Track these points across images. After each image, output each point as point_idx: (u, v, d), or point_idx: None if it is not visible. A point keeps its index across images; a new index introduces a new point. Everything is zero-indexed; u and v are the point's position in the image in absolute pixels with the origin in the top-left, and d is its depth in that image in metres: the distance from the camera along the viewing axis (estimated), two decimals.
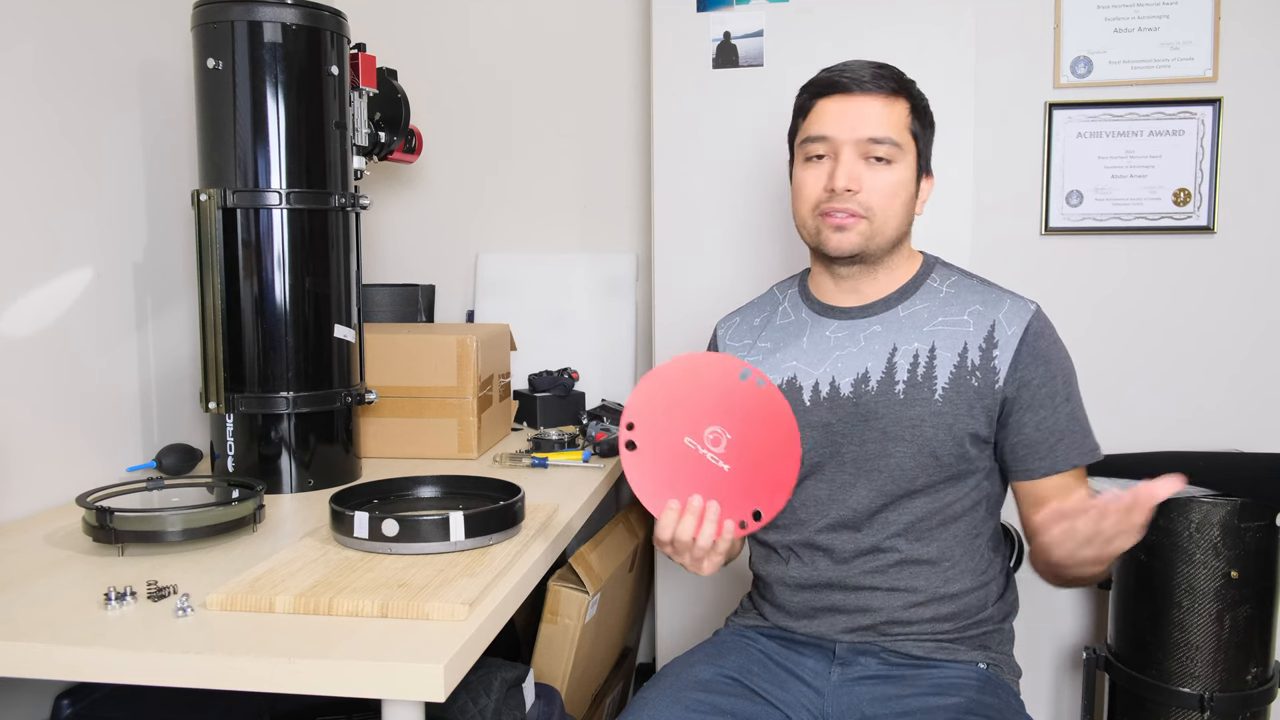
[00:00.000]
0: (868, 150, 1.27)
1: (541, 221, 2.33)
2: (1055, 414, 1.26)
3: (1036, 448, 1.27)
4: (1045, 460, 1.27)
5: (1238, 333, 1.94)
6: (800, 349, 1.36)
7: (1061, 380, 1.27)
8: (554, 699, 1.56)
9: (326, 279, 1.56)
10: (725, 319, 1.50)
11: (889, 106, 1.28)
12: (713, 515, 1.17)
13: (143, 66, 1.69)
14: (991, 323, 1.28)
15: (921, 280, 1.34)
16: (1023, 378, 1.26)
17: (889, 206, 1.29)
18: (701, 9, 1.90)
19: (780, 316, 1.42)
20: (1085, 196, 1.97)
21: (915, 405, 1.26)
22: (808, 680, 1.31)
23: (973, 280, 1.35)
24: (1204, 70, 1.91)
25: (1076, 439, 1.28)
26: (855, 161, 1.28)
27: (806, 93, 1.34)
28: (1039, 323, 1.28)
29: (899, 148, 1.28)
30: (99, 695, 1.39)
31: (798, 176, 1.34)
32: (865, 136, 1.27)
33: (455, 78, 2.32)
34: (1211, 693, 1.69)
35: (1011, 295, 1.31)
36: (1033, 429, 1.27)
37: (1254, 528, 1.68)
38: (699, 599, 2.02)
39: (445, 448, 1.77)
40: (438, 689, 0.91)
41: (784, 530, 1.35)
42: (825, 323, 1.36)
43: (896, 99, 1.29)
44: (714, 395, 1.19)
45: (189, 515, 1.23)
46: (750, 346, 1.42)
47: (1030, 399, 1.26)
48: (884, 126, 1.27)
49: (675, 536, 1.17)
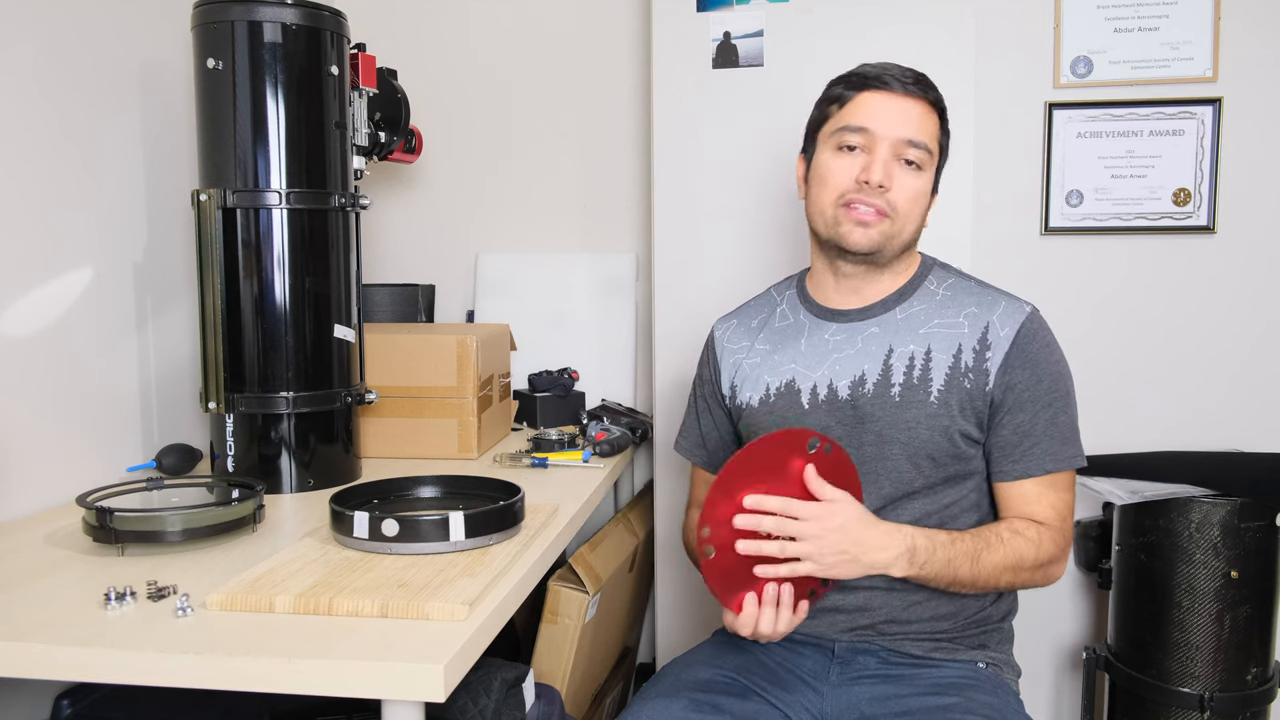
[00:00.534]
0: (902, 151, 1.28)
1: (541, 221, 2.33)
2: (1035, 418, 1.26)
3: (1010, 451, 1.27)
4: (1019, 464, 1.27)
5: (1238, 333, 1.94)
6: (799, 351, 1.36)
7: (1047, 385, 1.26)
8: (554, 699, 1.56)
9: (326, 279, 1.56)
10: (722, 320, 1.50)
11: (927, 114, 1.29)
12: (788, 600, 1.19)
13: (143, 66, 1.69)
14: (986, 324, 1.28)
15: (919, 282, 1.35)
16: (1010, 380, 1.26)
17: (911, 211, 1.29)
18: (701, 9, 1.90)
19: (779, 318, 1.42)
20: (1085, 196, 1.97)
21: (911, 408, 1.26)
22: (807, 679, 1.31)
23: (970, 282, 1.35)
24: (1204, 70, 1.91)
25: (1053, 445, 1.27)
26: (890, 160, 1.28)
27: (843, 84, 1.33)
28: (1032, 324, 1.28)
29: (930, 155, 1.30)
30: (99, 695, 1.39)
31: (824, 164, 1.32)
32: (905, 137, 1.27)
33: (455, 78, 2.32)
34: (1211, 693, 1.69)
35: (1008, 297, 1.31)
36: (1010, 431, 1.27)
37: (1254, 528, 1.68)
38: (699, 599, 2.02)
39: (445, 448, 1.77)
40: (438, 689, 0.91)
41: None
42: (824, 325, 1.36)
43: (933, 110, 1.30)
44: (783, 476, 1.17)
45: (189, 515, 1.23)
46: (749, 349, 1.42)
47: (1014, 401, 1.26)
48: (922, 131, 1.28)
49: (758, 631, 1.18)
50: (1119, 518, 1.80)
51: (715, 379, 1.47)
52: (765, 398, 1.37)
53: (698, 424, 1.52)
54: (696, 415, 1.52)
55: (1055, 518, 1.28)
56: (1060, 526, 1.28)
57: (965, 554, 1.22)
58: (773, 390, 1.37)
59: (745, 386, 1.41)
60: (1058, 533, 1.28)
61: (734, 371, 1.44)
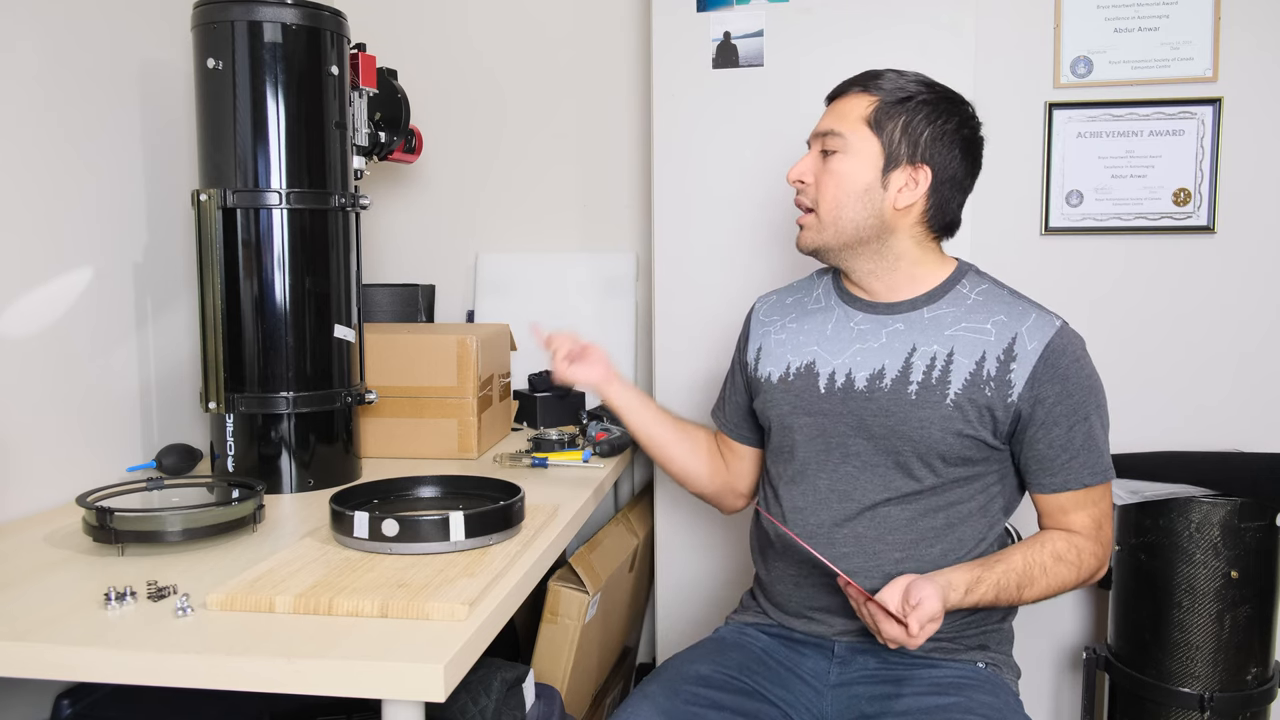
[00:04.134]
0: (821, 145, 1.32)
1: (541, 221, 2.33)
2: (1070, 433, 1.26)
3: (1048, 464, 1.28)
4: (1056, 477, 1.28)
5: (1238, 332, 1.94)
6: (824, 335, 1.37)
7: (1079, 399, 1.26)
8: (554, 699, 1.56)
9: (326, 279, 1.56)
10: (764, 296, 1.53)
11: (846, 102, 1.32)
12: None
13: (143, 66, 1.69)
14: (1013, 335, 1.27)
15: (951, 285, 1.34)
16: (1039, 394, 1.25)
17: (836, 197, 1.30)
18: (701, 9, 1.90)
19: (813, 301, 1.43)
20: (1085, 196, 1.97)
21: (925, 407, 1.26)
22: (807, 679, 1.31)
23: (1003, 291, 1.34)
24: (1204, 70, 1.91)
25: (1090, 459, 1.27)
26: (812, 158, 1.33)
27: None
28: (1062, 340, 1.26)
29: (842, 138, 1.30)
30: (99, 695, 1.39)
31: None
32: (821, 130, 1.33)
33: (455, 78, 2.32)
34: (1211, 693, 1.69)
35: (1039, 310, 1.30)
36: (1045, 445, 1.27)
37: (1254, 528, 1.68)
38: (699, 598, 2.02)
39: (445, 448, 1.77)
40: (438, 689, 0.91)
41: (788, 522, 1.34)
42: (852, 314, 1.37)
43: (860, 95, 1.31)
44: None
45: (189, 515, 1.23)
46: (780, 324, 1.44)
47: (1045, 416, 1.26)
48: (840, 120, 1.31)
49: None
50: (1119, 518, 1.80)
51: (744, 346, 1.50)
52: (785, 375, 1.38)
53: (727, 390, 1.55)
54: (729, 382, 1.55)
55: (1092, 527, 1.30)
56: (1097, 536, 1.30)
57: (1011, 586, 1.24)
58: (793, 369, 1.37)
59: (767, 360, 1.42)
60: (1096, 543, 1.30)
61: (760, 342, 1.45)
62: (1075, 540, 1.28)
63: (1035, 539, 1.30)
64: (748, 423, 1.51)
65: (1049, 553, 1.27)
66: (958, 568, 1.23)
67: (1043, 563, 1.26)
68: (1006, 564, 1.24)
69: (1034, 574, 1.25)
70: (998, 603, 1.24)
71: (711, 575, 2.00)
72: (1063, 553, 1.27)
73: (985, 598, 1.22)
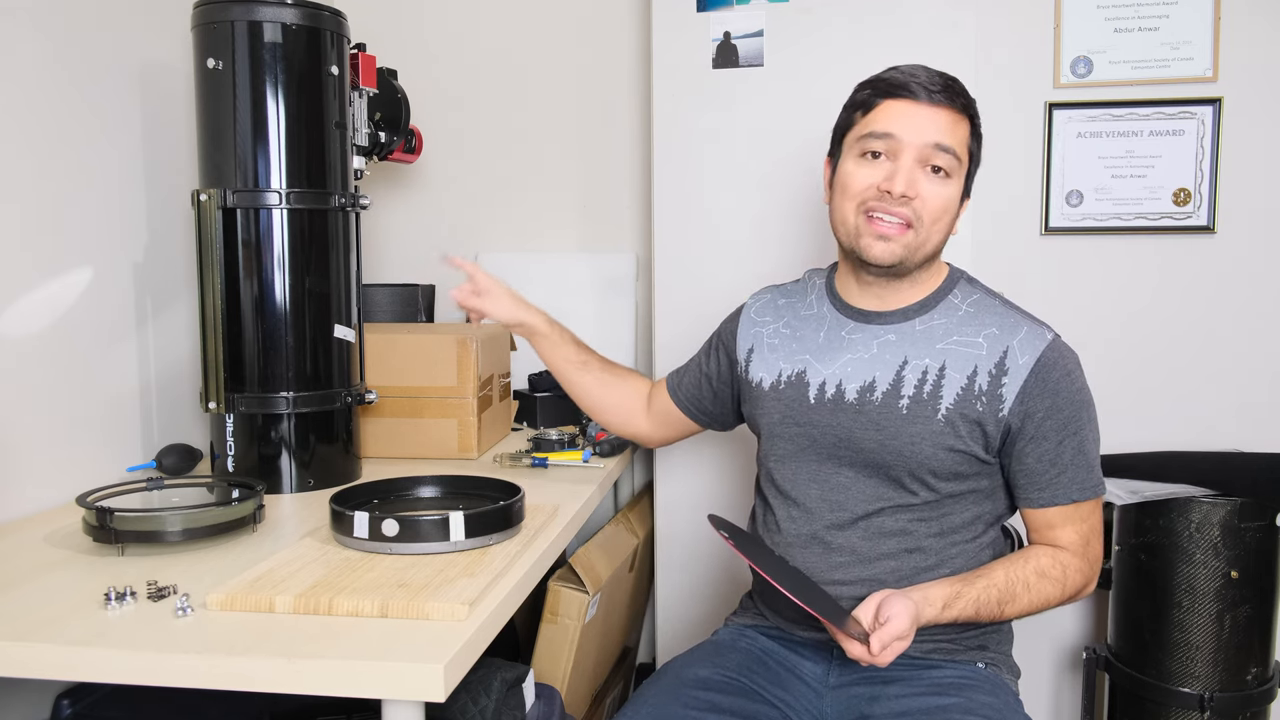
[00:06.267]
0: (929, 158, 1.24)
1: (541, 221, 2.33)
2: (1060, 447, 1.25)
3: (1036, 479, 1.27)
4: (1045, 492, 1.27)
5: (1238, 332, 1.94)
6: (816, 344, 1.35)
7: (1069, 414, 1.25)
8: (554, 699, 1.56)
9: (326, 279, 1.56)
10: (759, 292, 1.50)
11: (956, 121, 1.26)
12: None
13: (143, 67, 1.69)
14: (1004, 349, 1.25)
15: (943, 295, 1.32)
16: (1028, 409, 1.24)
17: (938, 221, 1.26)
18: (701, 9, 1.90)
19: (806, 306, 1.41)
20: (1085, 196, 1.97)
21: (917, 422, 1.25)
22: (806, 680, 1.31)
23: (994, 301, 1.32)
24: (1204, 70, 1.91)
25: (1079, 474, 1.26)
26: (915, 168, 1.24)
27: (870, 89, 1.29)
28: (1053, 354, 1.25)
29: (959, 162, 1.26)
30: (99, 695, 1.39)
31: (847, 171, 1.29)
32: (931, 141, 1.24)
33: (455, 78, 2.32)
34: (1211, 693, 1.69)
35: (1030, 322, 1.28)
36: (1034, 460, 1.26)
37: (1254, 528, 1.68)
38: (699, 599, 2.02)
39: (445, 448, 1.77)
40: (438, 689, 0.91)
41: (781, 531, 1.35)
42: (844, 323, 1.35)
43: (963, 117, 1.27)
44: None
45: (189, 515, 1.23)
46: (773, 327, 1.42)
47: (1034, 430, 1.24)
48: (951, 137, 1.25)
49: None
50: (1119, 518, 1.80)
51: (732, 340, 1.47)
52: (776, 383, 1.37)
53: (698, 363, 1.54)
54: (702, 357, 1.54)
55: (1080, 544, 1.28)
56: (1084, 552, 1.28)
57: (993, 601, 1.23)
58: (784, 377, 1.36)
59: (759, 364, 1.40)
60: (1083, 560, 1.28)
61: (752, 342, 1.43)
62: (1061, 556, 1.27)
63: (1020, 555, 1.28)
64: (700, 403, 1.52)
65: (1033, 569, 1.25)
66: (937, 583, 1.22)
67: (1025, 579, 1.24)
68: (988, 579, 1.23)
69: (1016, 590, 1.23)
70: (978, 618, 1.23)
71: (711, 575, 2.00)
72: (1047, 569, 1.26)
73: (965, 613, 1.21)
